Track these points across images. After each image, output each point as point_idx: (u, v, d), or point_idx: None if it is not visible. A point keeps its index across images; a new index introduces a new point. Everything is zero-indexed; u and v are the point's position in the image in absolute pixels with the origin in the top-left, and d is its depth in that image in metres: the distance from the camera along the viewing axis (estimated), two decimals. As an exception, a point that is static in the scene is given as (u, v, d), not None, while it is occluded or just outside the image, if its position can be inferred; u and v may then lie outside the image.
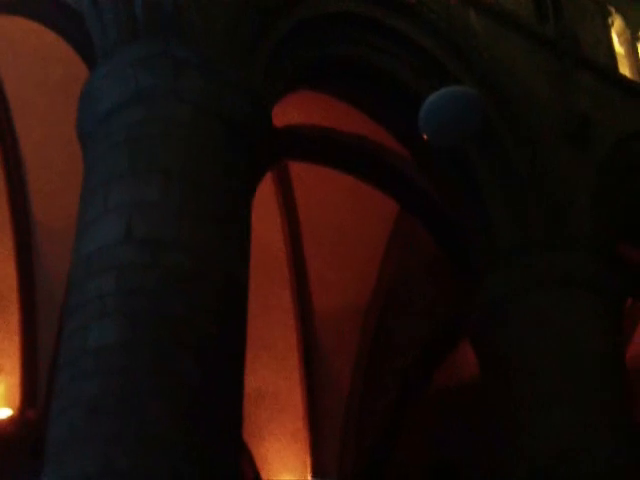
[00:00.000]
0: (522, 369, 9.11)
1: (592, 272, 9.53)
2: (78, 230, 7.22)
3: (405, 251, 13.57)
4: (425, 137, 7.50)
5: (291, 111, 10.65)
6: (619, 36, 11.98)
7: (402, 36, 9.56)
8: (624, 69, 11.74)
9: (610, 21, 11.87)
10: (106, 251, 6.78)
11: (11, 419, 13.11)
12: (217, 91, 7.50)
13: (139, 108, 7.35)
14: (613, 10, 11.94)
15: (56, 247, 12.79)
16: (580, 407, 8.77)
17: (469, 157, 9.98)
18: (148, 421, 6.10)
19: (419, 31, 9.64)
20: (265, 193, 11.87)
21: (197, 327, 6.55)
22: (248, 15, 8.02)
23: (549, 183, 9.81)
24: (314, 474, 14.47)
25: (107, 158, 7.29)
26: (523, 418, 8.94)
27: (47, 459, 6.34)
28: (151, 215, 6.86)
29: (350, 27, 9.30)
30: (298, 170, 12.66)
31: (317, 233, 13.38)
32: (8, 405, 13.22)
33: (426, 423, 15.09)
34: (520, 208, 9.74)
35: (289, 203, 12.87)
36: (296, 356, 14.39)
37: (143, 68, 7.45)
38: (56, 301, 12.75)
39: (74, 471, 6.01)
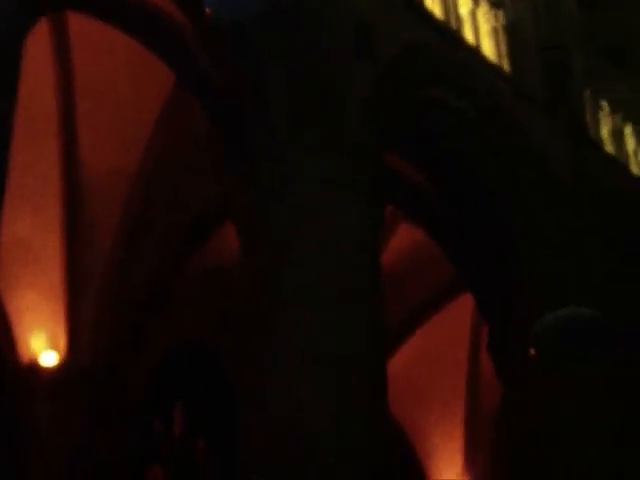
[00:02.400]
0: (283, 260, 9.44)
1: (356, 174, 9.89)
2: None
3: (179, 123, 13.59)
4: (208, 10, 7.66)
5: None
6: None
7: None
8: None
9: None
10: None
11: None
12: None
13: None
14: None
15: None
16: (336, 310, 9.18)
17: (258, 54, 10.11)
18: None
19: None
20: (39, 43, 11.53)
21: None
22: None
23: (326, 87, 10.01)
24: (69, 331, 14.63)
25: None
26: (280, 309, 9.28)
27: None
28: None
29: None
30: (78, 24, 12.42)
31: (92, 91, 13.12)
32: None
33: (184, 302, 15.49)
34: (298, 106, 9.92)
35: (64, 55, 12.61)
36: (58, 210, 14.31)
37: None
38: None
39: None
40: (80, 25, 12.33)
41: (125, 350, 14.96)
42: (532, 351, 7.85)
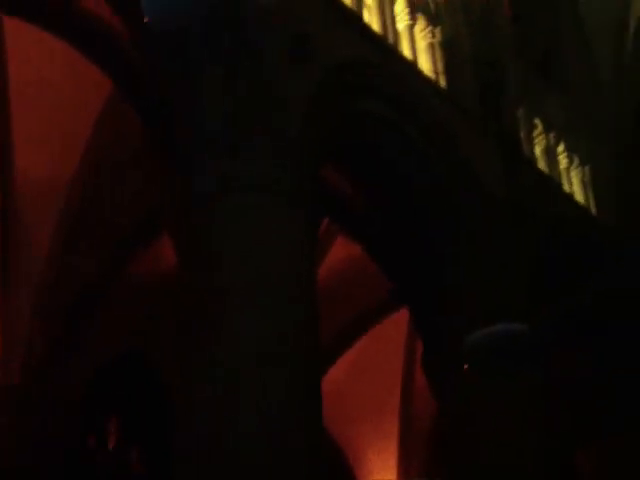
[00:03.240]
0: (218, 270, 9.37)
1: (294, 185, 9.88)
2: None
3: (117, 131, 13.63)
4: (145, 16, 7.67)
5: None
6: None
7: None
8: (346, -4, 12.27)
9: None
10: None
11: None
12: None
13: None
14: None
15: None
16: (271, 314, 9.16)
17: (195, 62, 10.00)
18: None
19: None
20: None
21: None
22: None
23: (263, 98, 9.97)
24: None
25: None
26: (215, 314, 9.18)
27: None
28: None
29: None
30: (13, 30, 12.35)
31: (27, 98, 13.13)
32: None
33: (120, 310, 15.44)
34: (234, 115, 9.82)
35: (-1, 57, 12.51)
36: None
37: None
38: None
39: None
40: (15, 31, 12.28)
41: (58, 364, 14.80)
42: (466, 366, 7.96)
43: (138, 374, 16.09)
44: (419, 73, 13.19)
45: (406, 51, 13.25)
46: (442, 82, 13.73)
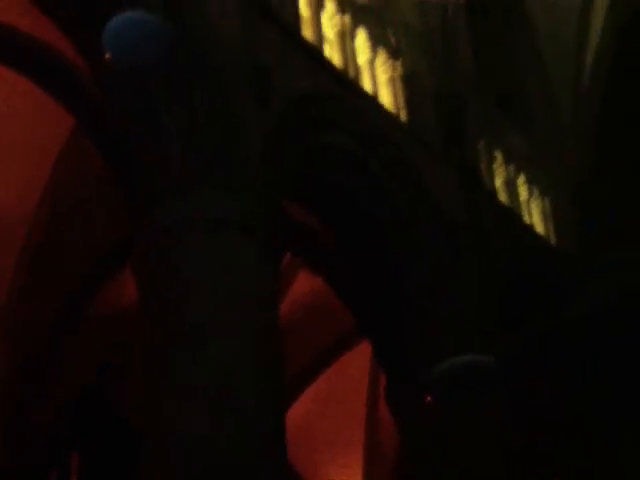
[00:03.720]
0: (180, 305, 9.31)
1: (255, 219, 9.92)
2: None
3: (78, 166, 13.51)
4: (107, 56, 7.67)
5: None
6: None
7: None
8: (307, 31, 12.24)
9: None
10: None
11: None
12: None
13: None
14: None
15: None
16: (235, 348, 9.15)
17: (157, 98, 10.03)
18: None
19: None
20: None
21: None
22: None
23: (225, 131, 10.02)
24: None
25: None
26: (179, 350, 9.17)
27: None
28: None
29: None
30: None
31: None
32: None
33: (81, 350, 15.27)
34: (196, 149, 9.87)
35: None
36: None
37: None
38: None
39: None
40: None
41: (22, 401, 14.63)
42: (428, 398, 7.91)
43: (102, 411, 15.92)
44: (380, 106, 13.30)
45: (367, 84, 13.36)
46: (403, 115, 13.85)
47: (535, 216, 17.30)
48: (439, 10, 15.50)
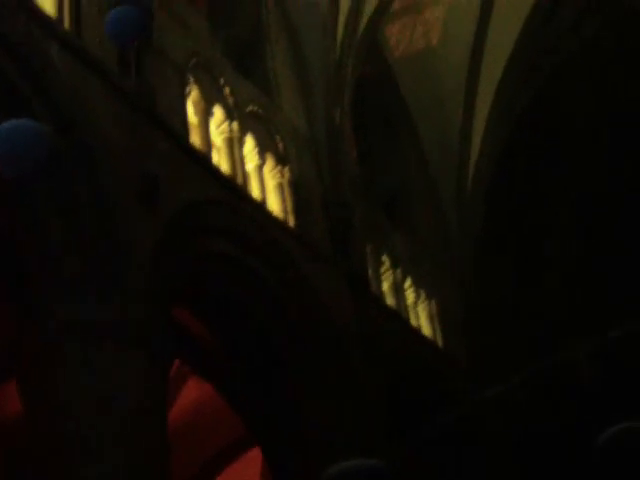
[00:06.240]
0: (64, 419, 9.08)
1: (143, 329, 9.78)
2: None
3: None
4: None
5: None
6: (195, 106, 12.51)
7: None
8: (195, 138, 12.29)
9: (188, 90, 12.34)
10: None
11: None
12: None
13: None
14: (192, 79, 12.42)
15: None
16: (123, 461, 8.94)
17: (41, 207, 9.80)
18: None
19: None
20: None
21: None
22: None
23: (110, 238, 9.87)
24: None
25: None
26: (62, 463, 8.91)
27: None
28: None
29: None
30: None
31: None
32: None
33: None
34: (80, 257, 9.70)
35: None
36: None
37: None
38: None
39: None
40: None
41: None
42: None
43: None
44: (269, 213, 13.37)
45: (255, 191, 13.45)
46: (292, 221, 13.96)
47: (422, 319, 17.53)
48: (326, 117, 15.83)
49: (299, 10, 16.25)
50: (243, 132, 13.54)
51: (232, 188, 12.63)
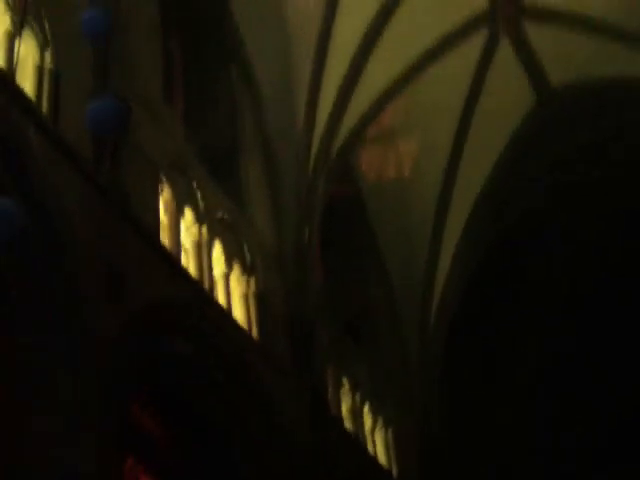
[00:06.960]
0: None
1: (94, 427, 9.26)
2: None
3: None
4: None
5: None
6: (166, 205, 12.30)
7: None
8: (165, 237, 12.05)
9: (161, 188, 12.21)
10: None
11: None
12: None
13: None
14: (165, 178, 12.31)
15: None
16: None
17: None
18: None
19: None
20: None
21: None
22: None
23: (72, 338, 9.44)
24: None
25: None
26: None
27: None
28: None
29: None
30: None
31: None
32: None
33: None
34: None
35: None
36: None
37: None
38: None
39: None
40: None
41: None
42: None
43: None
44: (233, 321, 13.07)
45: (221, 297, 13.18)
46: (255, 332, 13.66)
47: (379, 445, 17.08)
48: (295, 234, 15.76)
49: (274, 127, 16.38)
50: (212, 237, 13.37)
51: (199, 292, 12.36)
